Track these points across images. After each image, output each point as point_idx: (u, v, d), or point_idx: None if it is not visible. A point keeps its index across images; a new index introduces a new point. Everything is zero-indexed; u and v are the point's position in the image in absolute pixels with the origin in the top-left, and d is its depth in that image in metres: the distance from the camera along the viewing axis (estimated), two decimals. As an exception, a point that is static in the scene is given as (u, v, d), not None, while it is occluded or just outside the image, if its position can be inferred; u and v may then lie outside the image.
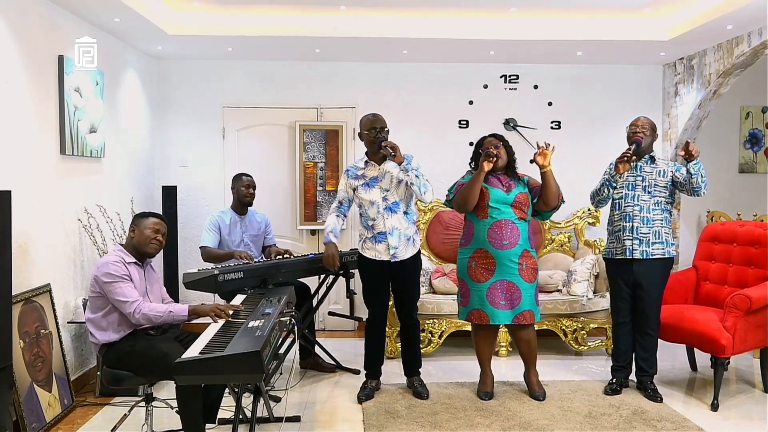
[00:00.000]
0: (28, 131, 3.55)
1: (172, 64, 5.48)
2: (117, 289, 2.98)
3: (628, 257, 3.79)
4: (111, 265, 3.03)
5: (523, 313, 3.71)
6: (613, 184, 3.80)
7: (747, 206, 5.34)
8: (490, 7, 4.48)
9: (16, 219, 3.00)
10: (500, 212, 3.68)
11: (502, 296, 3.69)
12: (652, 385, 3.86)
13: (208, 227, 4.38)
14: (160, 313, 3.00)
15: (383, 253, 3.78)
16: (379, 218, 3.77)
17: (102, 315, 3.04)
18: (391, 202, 3.78)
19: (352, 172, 3.89)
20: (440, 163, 5.58)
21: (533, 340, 3.85)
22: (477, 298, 3.74)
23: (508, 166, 3.80)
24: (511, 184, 3.75)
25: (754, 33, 4.42)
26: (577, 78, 5.62)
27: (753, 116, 6.15)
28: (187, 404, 2.82)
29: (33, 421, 3.26)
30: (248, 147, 5.55)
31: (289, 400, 3.73)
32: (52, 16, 3.80)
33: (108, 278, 2.99)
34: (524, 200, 3.73)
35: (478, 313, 3.74)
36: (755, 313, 3.76)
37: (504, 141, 3.81)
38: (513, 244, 3.67)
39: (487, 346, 3.91)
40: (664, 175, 3.81)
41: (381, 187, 3.78)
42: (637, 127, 3.82)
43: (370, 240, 3.82)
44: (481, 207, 3.69)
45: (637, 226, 3.77)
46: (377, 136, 3.74)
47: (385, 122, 3.81)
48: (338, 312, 5.01)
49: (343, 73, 5.54)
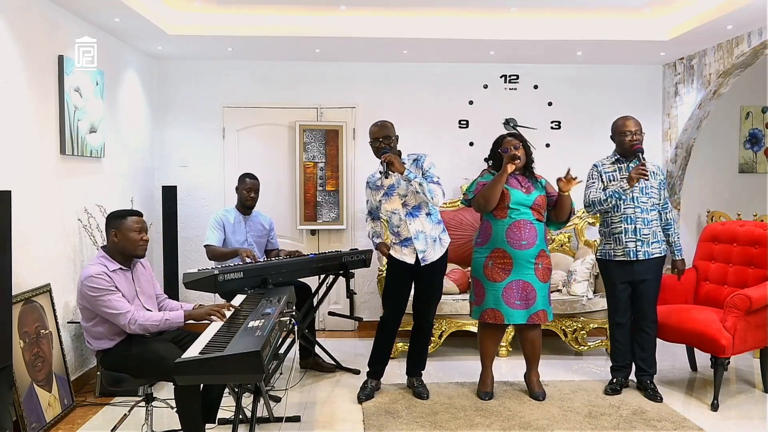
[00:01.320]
0: (28, 131, 3.55)
1: (172, 64, 5.48)
2: (105, 302, 2.90)
3: (631, 258, 3.78)
4: (94, 278, 2.90)
5: (538, 313, 3.73)
6: (623, 197, 3.76)
7: (747, 206, 5.34)
8: (490, 7, 4.48)
9: (16, 219, 2.99)
10: (519, 213, 3.69)
11: (517, 296, 3.70)
12: (652, 385, 3.87)
13: (212, 225, 4.38)
14: (156, 321, 2.96)
15: (409, 257, 3.78)
16: (402, 225, 3.78)
17: (93, 325, 2.99)
18: (412, 207, 3.77)
19: (372, 183, 3.90)
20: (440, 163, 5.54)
21: (538, 339, 3.86)
22: (492, 297, 3.73)
23: (526, 167, 3.80)
24: (530, 186, 3.77)
25: (754, 33, 4.42)
26: (577, 78, 5.62)
27: (753, 116, 6.15)
28: (185, 404, 2.82)
29: (33, 421, 3.26)
30: (248, 147, 5.55)
31: (289, 400, 3.73)
32: (52, 16, 3.80)
33: (93, 292, 2.90)
34: (542, 203, 3.76)
35: (493, 312, 3.74)
36: (755, 313, 3.76)
37: (523, 141, 3.81)
38: (531, 244, 3.68)
39: (492, 345, 3.93)
40: (655, 177, 3.83)
41: (399, 194, 3.78)
42: (632, 134, 3.78)
43: (398, 245, 3.82)
44: (501, 208, 3.70)
45: (639, 228, 3.76)
46: (379, 146, 3.74)
47: (388, 131, 3.76)
48: (338, 312, 5.01)
49: (343, 73, 5.54)
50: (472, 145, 5.63)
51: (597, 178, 3.90)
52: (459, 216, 5.28)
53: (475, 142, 5.60)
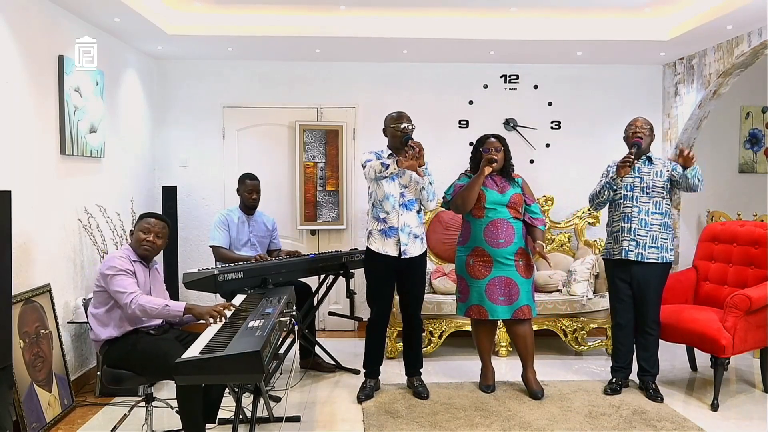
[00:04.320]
0: (28, 131, 3.55)
1: (172, 64, 5.48)
2: (117, 281, 3.00)
3: (624, 258, 3.80)
4: (116, 259, 3.07)
5: (522, 308, 3.79)
6: (614, 187, 3.80)
7: (747, 206, 5.35)
8: (490, 7, 4.48)
9: (16, 219, 2.99)
10: (496, 212, 3.79)
11: (500, 292, 3.78)
12: (654, 385, 3.87)
13: (217, 225, 4.38)
14: (156, 305, 2.98)
15: (391, 248, 3.77)
16: (393, 213, 3.77)
17: (105, 310, 3.06)
18: (407, 200, 3.79)
19: (378, 155, 3.83)
20: (440, 163, 5.57)
21: (530, 336, 3.89)
22: (476, 294, 3.82)
23: (504, 169, 3.88)
24: (506, 186, 3.86)
25: (754, 33, 4.42)
26: (577, 78, 5.62)
27: (753, 116, 6.15)
28: (187, 404, 2.82)
29: (33, 421, 3.26)
30: (248, 147, 5.55)
31: (289, 400, 3.74)
32: (52, 16, 3.80)
33: (111, 270, 3.03)
34: (518, 201, 3.84)
35: (477, 308, 3.83)
36: (755, 313, 3.76)
37: (504, 144, 3.89)
38: (508, 242, 3.77)
39: (486, 340, 4.01)
40: (661, 176, 3.81)
41: (400, 183, 3.78)
42: (636, 128, 3.83)
43: (379, 233, 3.79)
44: (477, 207, 3.81)
45: (635, 228, 3.77)
46: (403, 130, 3.75)
47: (410, 120, 3.83)
48: (338, 312, 5.01)
49: (343, 73, 5.54)
50: (472, 145, 5.59)
51: (605, 176, 3.93)
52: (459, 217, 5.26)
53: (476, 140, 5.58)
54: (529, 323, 3.90)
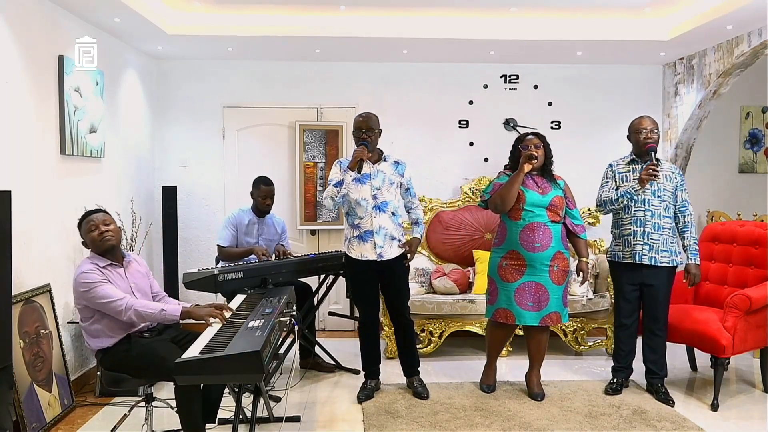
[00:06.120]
0: (28, 131, 3.55)
1: (172, 64, 5.48)
2: (98, 293, 2.91)
3: (636, 262, 3.75)
4: (85, 274, 2.95)
5: (550, 315, 3.71)
6: (635, 197, 3.72)
7: (747, 206, 5.35)
8: (490, 7, 4.48)
9: (16, 219, 2.99)
10: (534, 215, 3.65)
11: (530, 297, 3.68)
12: (663, 388, 3.83)
13: (225, 224, 4.38)
14: (152, 310, 2.95)
15: (369, 252, 3.74)
16: (366, 216, 3.73)
17: (90, 323, 3.00)
18: (380, 201, 3.75)
19: (344, 164, 3.79)
20: (440, 163, 5.60)
21: (545, 341, 3.87)
22: (504, 297, 3.73)
23: (544, 168, 3.76)
24: (547, 187, 3.73)
25: (754, 33, 4.42)
26: (577, 78, 5.62)
27: (753, 116, 6.15)
28: (186, 404, 2.82)
29: (33, 421, 3.26)
30: (248, 147, 5.55)
31: (289, 400, 3.74)
32: (52, 16, 3.80)
33: (85, 287, 2.93)
34: (560, 203, 3.71)
35: (504, 312, 3.74)
36: (755, 313, 3.76)
37: (544, 141, 3.77)
38: (545, 246, 3.65)
39: (500, 342, 3.98)
40: (670, 180, 3.77)
41: (372, 185, 3.74)
42: (647, 131, 3.75)
43: (356, 239, 3.78)
44: (515, 209, 3.68)
45: (648, 232, 3.72)
46: (361, 137, 3.72)
47: (372, 123, 3.74)
48: (338, 312, 5.02)
49: (342, 73, 5.54)
50: (472, 145, 5.63)
51: (611, 178, 3.88)
52: (459, 216, 5.28)
53: (475, 142, 5.60)
54: (548, 329, 3.87)
